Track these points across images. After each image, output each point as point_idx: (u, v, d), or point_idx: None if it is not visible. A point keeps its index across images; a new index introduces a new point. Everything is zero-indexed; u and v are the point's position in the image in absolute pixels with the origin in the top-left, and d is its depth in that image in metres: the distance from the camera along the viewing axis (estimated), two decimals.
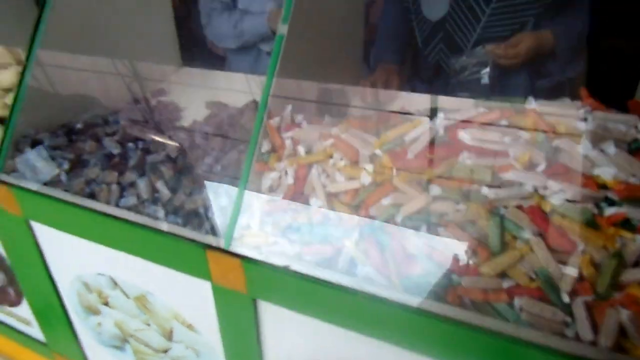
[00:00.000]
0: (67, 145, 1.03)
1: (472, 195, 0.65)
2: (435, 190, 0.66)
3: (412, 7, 1.29)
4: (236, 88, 1.37)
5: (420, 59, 1.32)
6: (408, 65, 1.34)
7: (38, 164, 0.99)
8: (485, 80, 1.14)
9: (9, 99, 1.10)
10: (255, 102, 1.21)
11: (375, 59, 1.33)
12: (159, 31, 1.44)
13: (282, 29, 0.81)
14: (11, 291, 1.35)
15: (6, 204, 1.05)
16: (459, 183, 0.66)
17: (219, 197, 0.83)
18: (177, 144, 0.96)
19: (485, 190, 0.64)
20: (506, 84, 1.19)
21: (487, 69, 1.13)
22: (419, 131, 0.70)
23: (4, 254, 1.22)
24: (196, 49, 1.52)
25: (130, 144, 0.99)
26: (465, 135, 0.66)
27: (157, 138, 1.03)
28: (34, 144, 1.04)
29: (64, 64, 1.19)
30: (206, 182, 0.86)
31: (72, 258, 1.05)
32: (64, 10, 1.09)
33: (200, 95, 1.44)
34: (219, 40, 1.53)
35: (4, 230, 1.14)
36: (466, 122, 0.68)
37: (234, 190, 0.79)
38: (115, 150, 0.98)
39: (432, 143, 0.69)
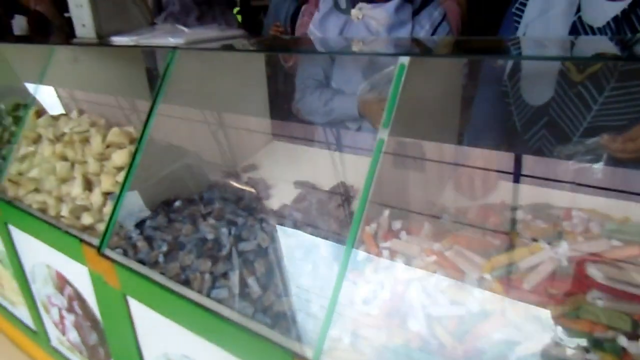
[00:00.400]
0: (167, 226, 1.08)
1: (605, 344, 0.56)
2: (559, 331, 0.58)
3: (510, 90, 1.24)
4: (322, 164, 1.39)
5: (518, 145, 1.24)
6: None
7: (139, 244, 1.05)
8: (598, 175, 1.03)
9: (120, 176, 1.20)
10: (343, 184, 1.21)
11: (470, 144, 1.28)
12: (254, 105, 1.52)
13: (382, 133, 0.79)
14: (101, 351, 1.41)
15: (108, 277, 1.12)
16: (590, 326, 0.57)
17: (309, 302, 0.81)
18: (267, 235, 0.97)
19: (623, 341, 0.55)
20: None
21: (601, 164, 1.03)
22: (538, 259, 0.63)
23: (99, 317, 1.29)
24: (286, 124, 1.57)
25: (224, 229, 1.02)
26: (596, 272, 0.58)
27: (249, 222, 1.05)
28: (138, 222, 1.11)
29: (170, 140, 1.29)
30: (297, 285, 0.84)
31: (162, 335, 1.08)
32: (174, 96, 1.18)
33: (289, 170, 1.48)
34: (309, 115, 1.57)
35: (103, 299, 1.21)
36: (595, 255, 0.60)
37: (325, 296, 0.77)
38: (210, 236, 1.01)
39: (553, 274, 0.62)
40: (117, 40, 1.43)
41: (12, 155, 1.50)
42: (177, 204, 1.17)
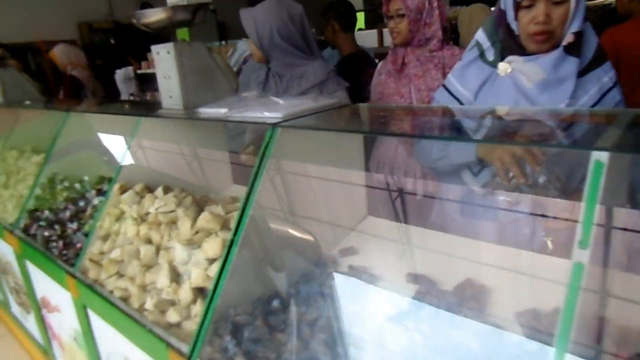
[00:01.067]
0: (269, 338, 0.91)
1: None
2: None
3: None
4: (436, 250, 1.19)
5: None
6: None
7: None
8: None
9: (212, 269, 1.06)
10: (471, 283, 1.00)
11: None
12: (351, 176, 1.38)
13: (581, 255, 0.59)
14: None
15: None
16: None
17: None
18: None
19: None
20: None
21: None
22: None
23: None
24: (380, 199, 1.41)
25: (339, 350, 0.83)
26: None
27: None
28: (233, 328, 0.96)
29: (267, 225, 1.15)
30: None
31: None
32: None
33: (387, 249, 1.29)
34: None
35: None
36: None
37: None
38: (325, 359, 0.83)
39: None
40: (207, 112, 1.35)
41: (94, 233, 1.43)
42: (276, 304, 1.01)
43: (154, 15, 1.37)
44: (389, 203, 1.39)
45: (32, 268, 1.74)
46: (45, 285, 1.67)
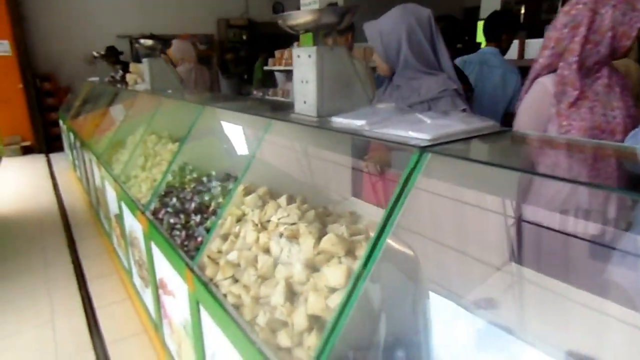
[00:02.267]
0: None
1: None
2: None
3: None
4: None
5: None
6: None
7: None
8: None
9: (333, 299, 0.96)
10: None
11: None
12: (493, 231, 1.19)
13: None
14: None
15: None
16: None
17: None
18: None
19: None
20: None
21: None
22: None
23: None
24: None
25: None
26: None
27: None
28: None
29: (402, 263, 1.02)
30: None
31: None
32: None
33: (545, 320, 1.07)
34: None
35: None
36: None
37: None
38: None
39: None
40: (341, 122, 1.27)
41: (215, 230, 1.44)
42: (401, 354, 0.88)
43: (302, 17, 1.32)
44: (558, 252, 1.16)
45: (155, 250, 1.83)
46: (165, 268, 1.74)
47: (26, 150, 7.71)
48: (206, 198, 1.59)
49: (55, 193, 5.36)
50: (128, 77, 4.27)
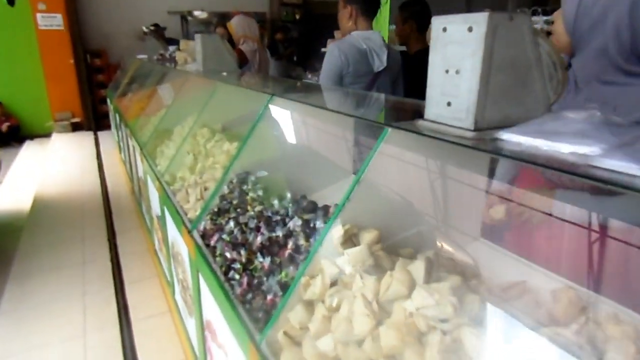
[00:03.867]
0: None
1: None
2: None
3: None
4: None
5: None
6: None
7: None
8: None
9: None
10: None
11: None
12: None
13: None
14: None
15: None
16: None
17: None
18: None
19: None
20: None
21: None
22: None
23: None
24: None
25: None
26: None
27: None
28: None
29: None
30: None
31: None
32: None
33: None
34: None
35: None
36: None
37: None
38: None
39: None
40: (517, 142, 0.74)
41: (295, 291, 0.96)
42: None
43: None
44: None
45: (204, 287, 1.40)
46: (215, 316, 1.30)
47: (75, 127, 7.62)
48: (278, 233, 1.11)
49: (100, 175, 5.14)
50: (178, 55, 3.88)
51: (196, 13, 2.50)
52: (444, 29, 0.86)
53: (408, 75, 2.46)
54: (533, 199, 1.07)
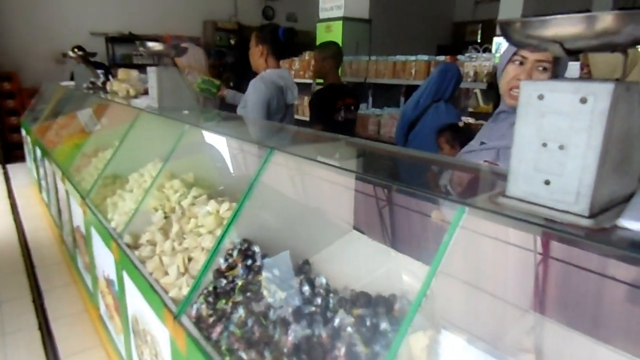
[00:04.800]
0: None
1: None
2: None
3: None
4: None
5: None
6: None
7: None
8: None
9: None
10: None
11: None
12: None
13: None
14: None
15: None
16: None
17: None
18: None
19: None
20: None
21: None
22: None
23: None
24: None
25: None
26: None
27: None
28: None
29: None
30: None
31: None
32: None
33: None
34: None
35: None
36: None
37: None
38: None
39: None
40: None
41: None
42: None
43: (569, 26, 0.67)
44: None
45: None
46: None
47: None
48: (321, 332, 0.87)
49: (14, 218, 4.44)
50: (115, 85, 3.48)
51: (149, 44, 2.19)
52: (540, 97, 0.73)
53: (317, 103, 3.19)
54: None
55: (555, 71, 1.25)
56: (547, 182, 0.74)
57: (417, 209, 1.23)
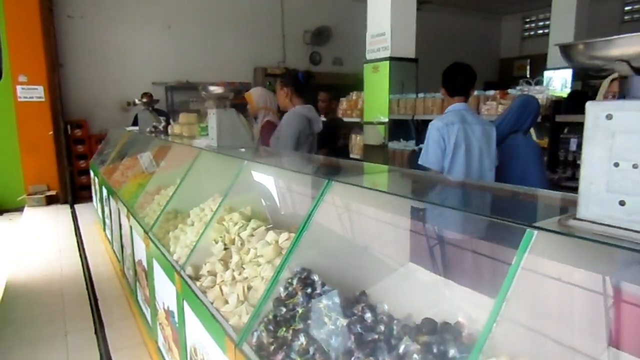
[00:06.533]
0: None
1: None
2: None
3: None
4: None
5: None
6: None
7: None
8: None
9: None
10: None
11: None
12: None
13: None
14: None
15: None
16: None
17: None
18: None
19: None
20: None
21: None
22: None
23: None
24: None
25: None
26: None
27: None
28: None
29: None
30: None
31: None
32: None
33: None
34: None
35: None
36: None
37: None
38: None
39: None
40: None
41: None
42: None
43: (637, 44, 0.68)
44: None
45: None
46: None
47: (51, 200, 7.19)
48: (385, 359, 0.87)
49: (80, 254, 4.72)
50: (177, 128, 3.72)
51: (211, 88, 2.38)
52: (609, 117, 0.72)
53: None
54: None
55: (622, 91, 1.22)
56: (621, 203, 0.72)
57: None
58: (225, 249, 1.65)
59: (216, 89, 2.37)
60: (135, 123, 5.66)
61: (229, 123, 2.41)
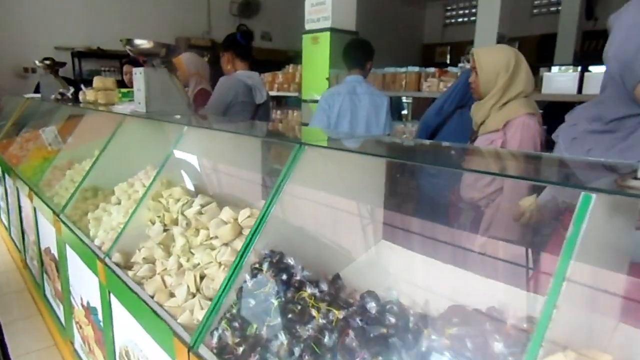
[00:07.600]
0: None
1: None
2: None
3: None
4: None
5: None
6: None
7: None
8: None
9: None
10: None
11: None
12: None
13: None
14: None
15: None
16: None
17: None
18: None
19: None
20: None
21: None
22: None
23: None
24: None
25: None
26: None
27: None
28: None
29: None
30: None
31: None
32: None
33: None
34: None
35: None
36: None
37: None
38: None
39: None
40: None
41: None
42: None
43: None
44: None
45: None
46: None
47: None
48: None
49: None
50: (90, 95, 3.20)
51: (137, 42, 1.98)
52: None
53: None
54: None
55: None
56: None
57: None
58: (165, 230, 1.36)
59: (144, 43, 1.99)
60: (37, 92, 4.87)
61: (159, 85, 2.05)
